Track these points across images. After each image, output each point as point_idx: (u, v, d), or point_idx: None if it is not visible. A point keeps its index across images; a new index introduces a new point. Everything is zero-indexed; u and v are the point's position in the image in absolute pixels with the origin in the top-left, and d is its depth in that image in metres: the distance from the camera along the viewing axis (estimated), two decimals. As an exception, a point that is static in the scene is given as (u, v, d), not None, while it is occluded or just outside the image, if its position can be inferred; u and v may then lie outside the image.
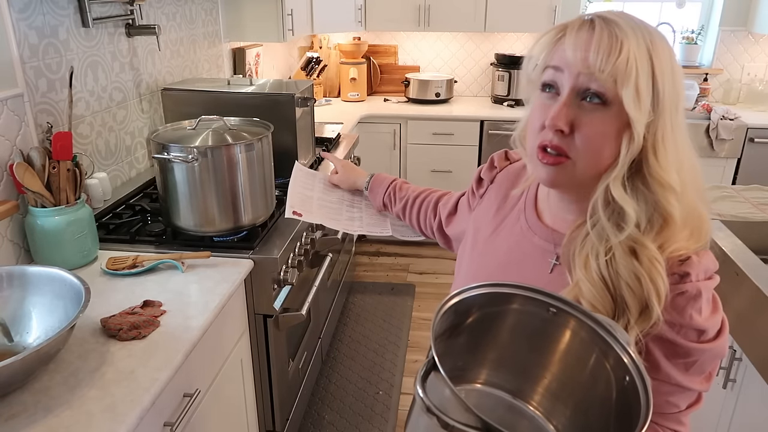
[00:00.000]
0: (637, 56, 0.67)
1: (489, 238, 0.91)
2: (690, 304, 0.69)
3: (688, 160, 0.72)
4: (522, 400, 0.72)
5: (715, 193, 2.04)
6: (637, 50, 0.68)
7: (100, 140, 1.76)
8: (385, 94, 3.89)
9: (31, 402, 0.97)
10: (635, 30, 0.70)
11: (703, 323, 0.69)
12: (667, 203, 0.69)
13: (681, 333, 0.70)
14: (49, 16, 1.51)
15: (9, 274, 1.13)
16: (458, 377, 0.71)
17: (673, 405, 0.73)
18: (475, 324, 0.69)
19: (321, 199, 1.31)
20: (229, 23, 2.63)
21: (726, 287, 1.61)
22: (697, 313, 0.69)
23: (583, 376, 0.68)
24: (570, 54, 0.69)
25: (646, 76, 0.67)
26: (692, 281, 0.69)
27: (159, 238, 1.57)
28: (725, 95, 3.67)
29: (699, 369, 0.72)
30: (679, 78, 0.71)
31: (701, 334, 0.70)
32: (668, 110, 0.69)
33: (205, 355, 1.28)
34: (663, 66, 0.69)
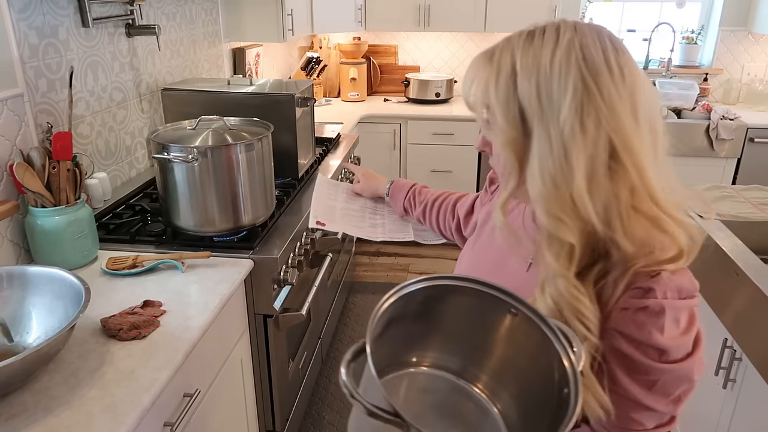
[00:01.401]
0: (490, 82, 0.70)
1: (491, 233, 0.93)
2: (650, 320, 0.67)
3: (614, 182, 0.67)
4: (468, 381, 0.74)
5: (715, 193, 2.04)
6: (491, 75, 0.70)
7: (100, 140, 1.76)
8: (385, 94, 3.89)
9: (31, 402, 0.97)
10: (504, 53, 0.70)
11: (664, 342, 0.67)
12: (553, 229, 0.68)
13: (640, 349, 0.68)
14: (49, 16, 1.51)
15: (9, 274, 1.13)
16: (405, 362, 0.74)
17: (636, 422, 0.72)
18: (420, 311, 0.71)
19: (344, 209, 1.34)
20: (229, 23, 2.63)
21: (726, 287, 1.61)
22: (658, 331, 0.67)
23: (526, 362, 0.69)
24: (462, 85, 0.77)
25: (502, 99, 0.69)
26: (656, 298, 0.67)
27: (159, 238, 1.57)
28: (725, 95, 3.67)
29: (663, 390, 0.70)
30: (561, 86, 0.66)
31: (662, 354, 0.68)
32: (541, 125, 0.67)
33: (205, 355, 1.28)
34: (530, 82, 0.67)
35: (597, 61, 0.66)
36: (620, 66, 0.67)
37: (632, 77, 0.67)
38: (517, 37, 0.71)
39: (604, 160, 0.66)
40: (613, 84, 0.66)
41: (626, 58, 0.68)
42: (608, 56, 0.67)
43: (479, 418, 0.72)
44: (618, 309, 0.69)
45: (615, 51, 0.67)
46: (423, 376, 0.74)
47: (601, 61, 0.66)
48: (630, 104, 0.67)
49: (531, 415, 0.68)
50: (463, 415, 0.73)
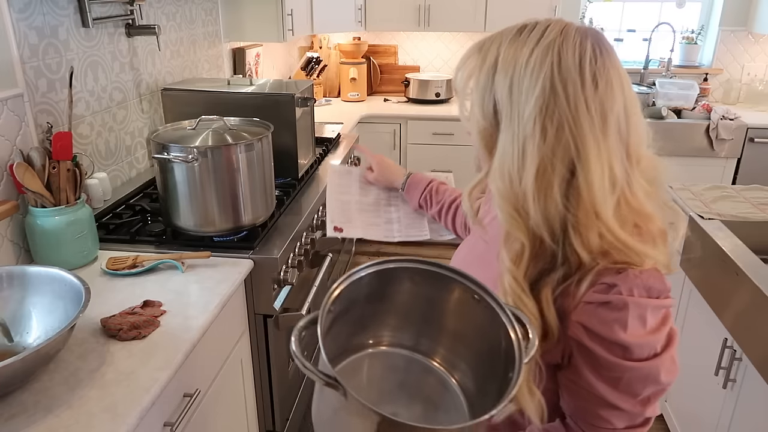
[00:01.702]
0: (475, 70, 0.73)
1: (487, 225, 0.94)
2: (613, 316, 0.67)
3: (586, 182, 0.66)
4: (426, 356, 0.77)
5: (715, 193, 2.04)
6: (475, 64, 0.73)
7: (100, 140, 1.76)
8: (385, 94, 3.89)
9: (31, 402, 0.97)
10: (492, 46, 0.72)
11: (627, 339, 0.67)
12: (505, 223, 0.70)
13: (603, 345, 0.68)
14: (49, 16, 1.51)
15: (9, 274, 1.13)
16: (363, 345, 0.77)
17: (604, 420, 0.72)
18: (375, 294, 0.74)
19: (359, 203, 1.33)
20: (229, 23, 2.63)
21: (726, 287, 1.62)
22: (621, 327, 0.67)
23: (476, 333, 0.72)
24: None
25: (480, 89, 0.72)
26: (621, 294, 0.67)
27: (159, 238, 1.57)
28: (725, 95, 3.67)
29: (629, 389, 0.70)
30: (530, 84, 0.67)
31: (625, 351, 0.68)
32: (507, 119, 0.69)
33: (205, 355, 1.28)
34: (506, 76, 0.69)
35: (570, 67, 0.66)
36: (594, 75, 0.66)
37: (606, 87, 0.66)
38: (509, 31, 0.72)
39: (562, 172, 0.66)
40: (582, 93, 0.66)
41: (605, 67, 0.67)
42: (584, 64, 0.66)
43: (440, 391, 0.75)
44: (583, 303, 0.69)
45: (594, 59, 0.67)
46: (383, 356, 0.78)
47: (575, 67, 0.66)
48: (600, 117, 0.66)
49: (484, 384, 0.71)
50: (424, 390, 0.76)
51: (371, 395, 0.75)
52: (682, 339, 1.99)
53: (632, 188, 0.69)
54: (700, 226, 1.81)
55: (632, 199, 0.69)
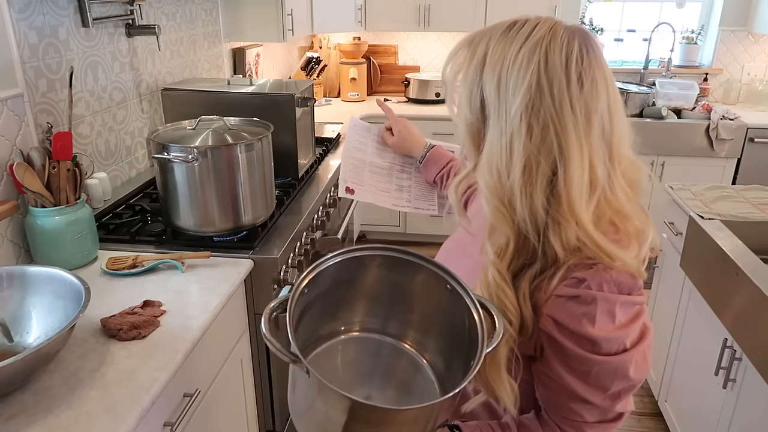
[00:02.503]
0: (464, 65, 0.73)
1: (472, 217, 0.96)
2: (581, 310, 0.68)
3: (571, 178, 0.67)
4: (398, 339, 0.80)
5: (715, 193, 2.04)
6: (465, 59, 0.73)
7: (100, 140, 1.76)
8: (385, 94, 3.89)
9: (31, 402, 0.97)
10: (481, 41, 0.72)
11: (594, 333, 0.68)
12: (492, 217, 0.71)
13: (572, 338, 0.69)
14: (49, 16, 1.51)
15: (9, 274, 1.13)
16: (335, 332, 0.80)
17: (575, 413, 0.73)
18: (344, 281, 0.76)
19: (372, 164, 1.32)
20: (229, 23, 2.63)
21: (726, 287, 1.62)
22: (589, 321, 0.68)
23: (442, 314, 0.75)
24: None
25: (468, 83, 0.72)
26: (590, 289, 0.68)
27: (159, 238, 1.57)
28: (725, 95, 3.67)
29: (598, 382, 0.70)
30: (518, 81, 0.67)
31: (594, 345, 0.68)
32: (495, 115, 0.70)
33: (205, 355, 1.28)
34: (494, 71, 0.70)
35: (557, 66, 0.66)
36: (580, 74, 0.67)
37: (592, 87, 0.67)
38: (499, 27, 0.73)
39: (545, 170, 0.67)
40: (567, 92, 0.66)
41: (591, 67, 0.67)
42: (570, 63, 0.67)
43: (412, 372, 0.77)
44: (553, 296, 0.70)
45: (581, 58, 0.67)
46: (356, 341, 0.80)
47: (561, 66, 0.67)
48: (584, 117, 0.67)
49: (452, 363, 0.74)
50: (396, 373, 0.78)
51: (346, 380, 0.78)
52: (682, 339, 1.99)
53: (613, 188, 0.70)
54: (700, 226, 1.81)
55: (612, 198, 0.70)
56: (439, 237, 1.11)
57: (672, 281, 2.07)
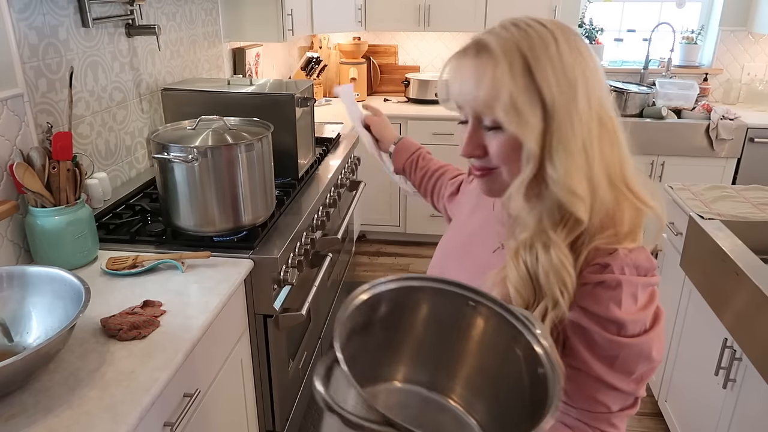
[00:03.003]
0: (505, 76, 0.70)
1: (465, 219, 0.98)
2: (608, 294, 0.70)
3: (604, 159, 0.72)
4: (442, 394, 0.72)
5: (715, 193, 2.04)
6: (504, 70, 0.71)
7: (100, 140, 1.76)
8: (385, 94, 3.88)
9: (31, 402, 0.97)
10: (507, 44, 0.72)
11: (621, 316, 0.70)
12: (571, 206, 0.71)
13: (599, 323, 0.71)
14: (49, 16, 1.51)
15: (9, 274, 1.13)
16: (376, 377, 0.71)
17: (601, 404, 0.74)
18: (388, 319, 0.69)
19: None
20: (229, 23, 2.63)
21: (726, 287, 1.61)
22: (616, 304, 0.70)
23: (498, 366, 0.68)
24: (451, 90, 0.76)
25: (522, 92, 0.70)
26: (613, 273, 0.71)
27: (159, 238, 1.57)
28: (725, 95, 3.67)
29: (624, 367, 0.72)
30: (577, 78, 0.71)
31: (620, 328, 0.70)
32: (563, 115, 0.70)
33: (205, 355, 1.28)
34: (547, 74, 0.70)
35: (582, 49, 0.73)
36: (590, 49, 0.75)
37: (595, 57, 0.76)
38: (504, 30, 0.73)
39: (599, 131, 0.73)
40: (595, 66, 0.74)
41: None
42: (584, 43, 0.74)
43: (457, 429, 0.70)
44: (579, 284, 0.72)
45: (582, 38, 0.76)
46: (397, 391, 0.72)
47: (584, 48, 0.73)
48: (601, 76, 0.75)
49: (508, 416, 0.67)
50: (441, 429, 0.71)
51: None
52: (682, 339, 1.99)
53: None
54: (700, 226, 1.81)
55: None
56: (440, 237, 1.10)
57: (672, 281, 2.07)
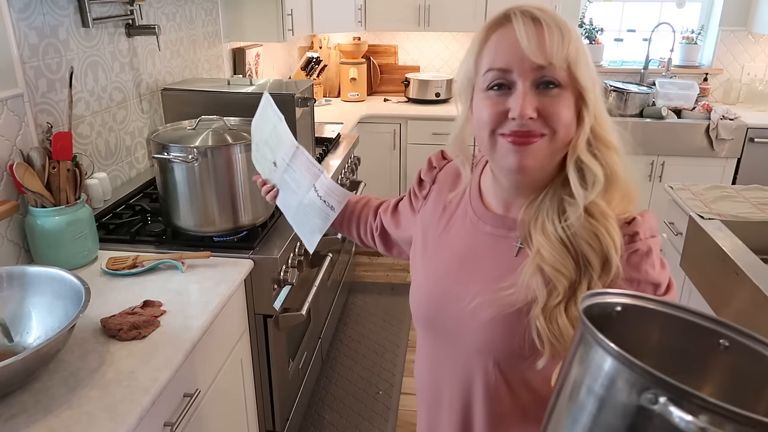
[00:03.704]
0: (579, 41, 0.76)
1: (440, 237, 0.91)
2: (644, 260, 0.75)
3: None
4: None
5: (715, 193, 2.04)
6: (576, 36, 0.76)
7: (100, 140, 1.76)
8: (385, 94, 3.88)
9: (31, 402, 0.97)
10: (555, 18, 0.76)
11: (657, 277, 0.76)
12: (613, 163, 0.76)
13: (640, 288, 0.75)
14: (49, 16, 1.51)
15: (9, 274, 1.13)
16: None
17: None
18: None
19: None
20: (229, 23, 2.63)
21: (726, 287, 1.61)
22: (651, 267, 0.76)
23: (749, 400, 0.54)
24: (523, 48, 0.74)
25: (585, 57, 0.76)
26: (642, 239, 0.75)
27: (159, 238, 1.57)
28: (725, 95, 3.67)
29: None
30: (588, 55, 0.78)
31: (657, 288, 0.77)
32: (596, 85, 0.77)
33: (205, 355, 1.28)
34: (586, 49, 0.77)
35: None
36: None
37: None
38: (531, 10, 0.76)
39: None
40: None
41: None
42: None
43: None
44: None
45: None
46: None
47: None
48: None
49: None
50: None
51: None
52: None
53: None
54: (700, 226, 1.81)
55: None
56: None
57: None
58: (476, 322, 0.81)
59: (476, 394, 0.85)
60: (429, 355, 0.93)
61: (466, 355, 0.84)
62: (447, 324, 0.86)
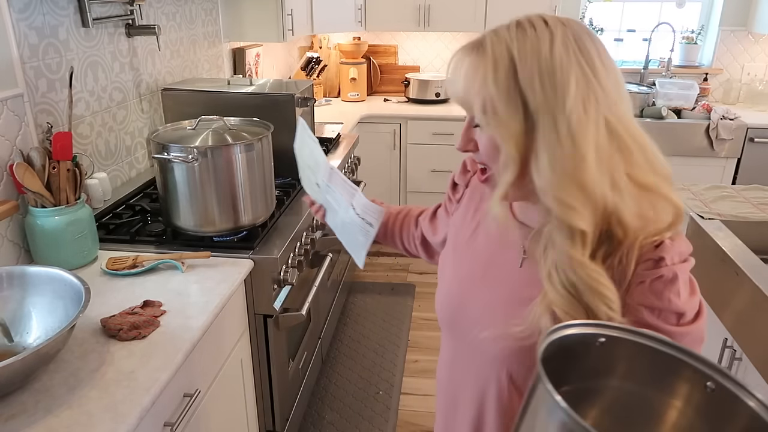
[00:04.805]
0: (488, 77, 0.69)
1: (469, 239, 0.91)
2: (667, 287, 0.70)
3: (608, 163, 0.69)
4: None
5: (715, 193, 2.04)
6: (488, 70, 0.69)
7: (100, 140, 1.76)
8: (385, 94, 3.88)
9: (31, 402, 0.97)
10: (500, 45, 0.70)
11: (681, 306, 0.71)
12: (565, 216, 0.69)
13: (662, 317, 0.71)
14: (49, 16, 1.51)
15: (9, 274, 1.13)
16: None
17: None
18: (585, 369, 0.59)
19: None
20: (229, 23, 2.63)
21: (726, 287, 1.61)
22: (676, 296, 0.70)
23: None
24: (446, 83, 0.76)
25: (503, 93, 0.69)
26: (667, 265, 0.70)
27: (159, 238, 1.57)
28: (725, 95, 3.67)
29: None
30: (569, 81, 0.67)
31: (681, 317, 0.71)
32: (548, 120, 0.68)
33: (205, 355, 1.28)
34: (533, 77, 0.68)
35: (590, 49, 0.70)
36: (602, 50, 0.72)
37: (610, 57, 0.73)
38: (506, 29, 0.71)
39: (605, 136, 0.69)
40: (603, 67, 0.70)
41: (604, 48, 0.73)
42: (594, 43, 0.71)
43: None
44: (635, 284, 0.71)
45: (595, 37, 0.72)
46: None
47: (592, 48, 0.70)
48: (614, 79, 0.71)
49: None
50: None
51: None
52: (682, 339, 1.99)
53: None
54: (700, 226, 1.81)
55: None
56: None
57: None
58: (488, 338, 0.80)
59: (489, 401, 0.85)
60: (448, 355, 0.94)
61: (482, 362, 0.84)
62: (463, 329, 0.86)
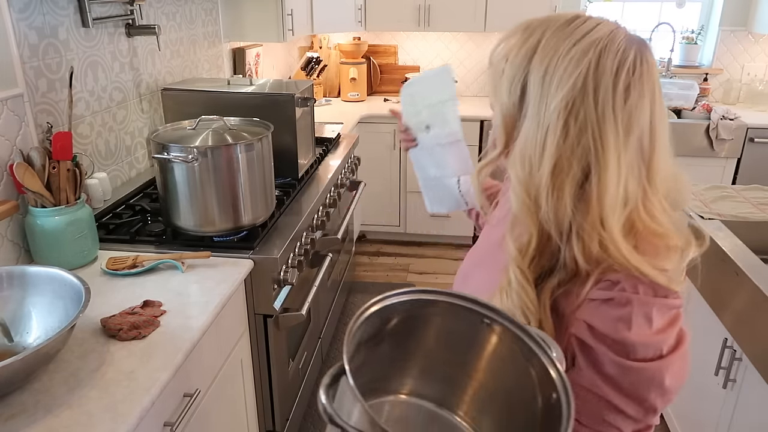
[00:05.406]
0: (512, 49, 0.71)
1: (493, 226, 0.92)
2: (617, 313, 0.65)
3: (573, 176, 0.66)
4: (449, 410, 0.69)
5: (715, 193, 2.04)
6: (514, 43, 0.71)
7: (100, 140, 1.76)
8: (385, 94, 3.88)
9: (31, 402, 0.97)
10: (540, 27, 0.70)
11: (630, 337, 0.65)
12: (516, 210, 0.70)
13: (606, 343, 0.66)
14: (49, 16, 1.51)
15: (9, 274, 1.13)
16: (382, 389, 0.68)
17: (612, 426, 0.69)
18: (398, 331, 0.66)
19: None
20: (229, 23, 2.63)
21: (726, 287, 1.61)
22: (624, 324, 0.65)
23: (509, 385, 0.65)
24: None
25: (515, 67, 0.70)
26: (624, 291, 0.65)
27: (159, 238, 1.57)
28: (725, 95, 3.67)
29: (634, 392, 0.67)
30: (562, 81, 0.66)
31: (630, 351, 0.65)
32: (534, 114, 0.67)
33: (205, 355, 1.28)
34: (541, 65, 0.67)
35: (607, 71, 0.65)
36: (628, 85, 0.65)
37: (639, 100, 0.66)
38: (559, 18, 0.70)
39: (577, 173, 0.66)
40: (612, 99, 0.65)
41: (642, 80, 0.66)
42: (621, 71, 0.65)
43: None
44: (587, 300, 0.68)
45: (633, 69, 0.66)
46: (402, 405, 0.69)
47: (611, 72, 0.65)
48: (624, 129, 0.65)
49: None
50: None
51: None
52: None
53: (646, 207, 0.68)
54: (700, 227, 1.81)
55: (645, 216, 0.67)
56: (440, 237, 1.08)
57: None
58: None
59: None
60: None
61: None
62: None
